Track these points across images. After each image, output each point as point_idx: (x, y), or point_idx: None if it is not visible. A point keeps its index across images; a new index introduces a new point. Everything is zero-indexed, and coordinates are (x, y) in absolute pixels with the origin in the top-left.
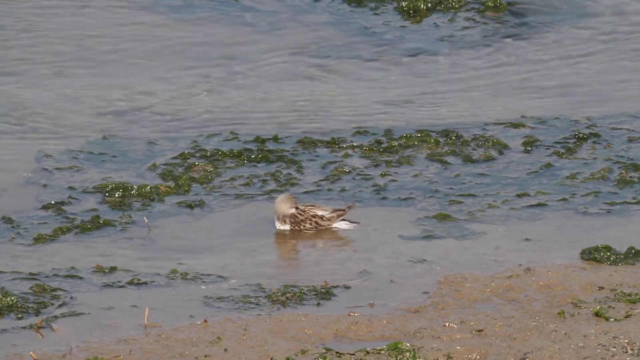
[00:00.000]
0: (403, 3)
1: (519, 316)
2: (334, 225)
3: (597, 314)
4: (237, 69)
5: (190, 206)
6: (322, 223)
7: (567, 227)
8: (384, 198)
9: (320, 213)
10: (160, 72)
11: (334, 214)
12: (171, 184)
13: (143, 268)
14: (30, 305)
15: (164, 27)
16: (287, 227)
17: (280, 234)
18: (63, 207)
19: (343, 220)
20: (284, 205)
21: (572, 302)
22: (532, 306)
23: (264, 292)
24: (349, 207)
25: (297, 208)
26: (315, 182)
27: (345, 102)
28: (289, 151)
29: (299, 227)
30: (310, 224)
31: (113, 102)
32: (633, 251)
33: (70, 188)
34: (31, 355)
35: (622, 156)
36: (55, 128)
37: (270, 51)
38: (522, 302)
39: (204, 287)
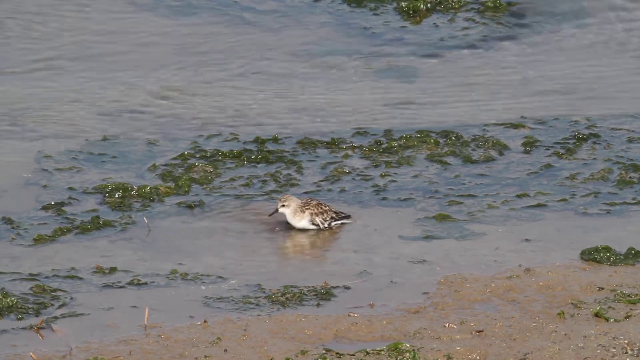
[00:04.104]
0: (403, 3)
1: (518, 317)
2: (337, 222)
3: (597, 315)
4: (237, 69)
5: (190, 207)
6: (330, 211)
7: (567, 227)
8: (384, 199)
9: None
10: (161, 72)
11: (337, 214)
12: (171, 184)
13: (143, 268)
14: (30, 306)
15: (164, 28)
16: (305, 220)
17: (280, 234)
18: (63, 208)
19: (342, 221)
20: (295, 200)
21: (572, 303)
22: (532, 307)
23: (264, 292)
24: (349, 217)
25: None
26: (315, 183)
27: (345, 102)
28: (288, 152)
29: (310, 211)
30: (318, 208)
31: (113, 102)
32: (633, 252)
33: (70, 189)
34: (31, 356)
35: (621, 157)
36: (55, 128)
37: (270, 51)
38: (522, 302)
39: (203, 288)
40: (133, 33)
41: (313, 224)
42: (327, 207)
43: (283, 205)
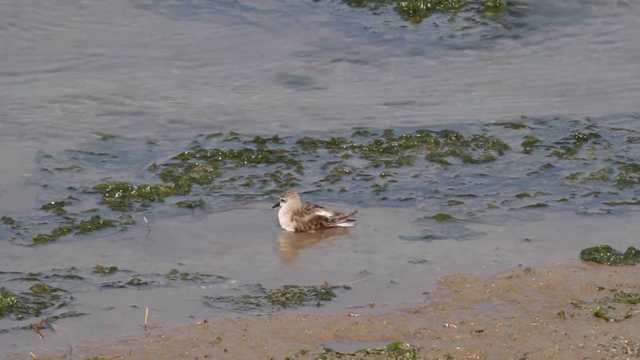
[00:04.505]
0: (403, 3)
1: (519, 317)
2: (337, 224)
3: (597, 315)
4: (237, 69)
5: (190, 206)
6: (325, 224)
7: (567, 227)
8: (384, 198)
9: (323, 214)
10: (161, 72)
11: (337, 216)
12: (171, 184)
13: (143, 268)
14: (30, 305)
15: (164, 28)
16: (290, 227)
17: (280, 235)
18: (63, 208)
19: (343, 222)
20: (297, 199)
21: (572, 303)
22: (532, 306)
23: (264, 292)
24: (352, 213)
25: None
26: (315, 183)
27: (345, 102)
28: (289, 152)
29: (296, 225)
30: (307, 226)
31: (113, 102)
32: (633, 251)
33: (71, 188)
34: (31, 356)
35: (622, 156)
36: (55, 128)
37: (270, 51)
38: (522, 302)
39: (204, 288)
40: (133, 33)
41: (297, 231)
42: (320, 225)
43: (282, 200)
